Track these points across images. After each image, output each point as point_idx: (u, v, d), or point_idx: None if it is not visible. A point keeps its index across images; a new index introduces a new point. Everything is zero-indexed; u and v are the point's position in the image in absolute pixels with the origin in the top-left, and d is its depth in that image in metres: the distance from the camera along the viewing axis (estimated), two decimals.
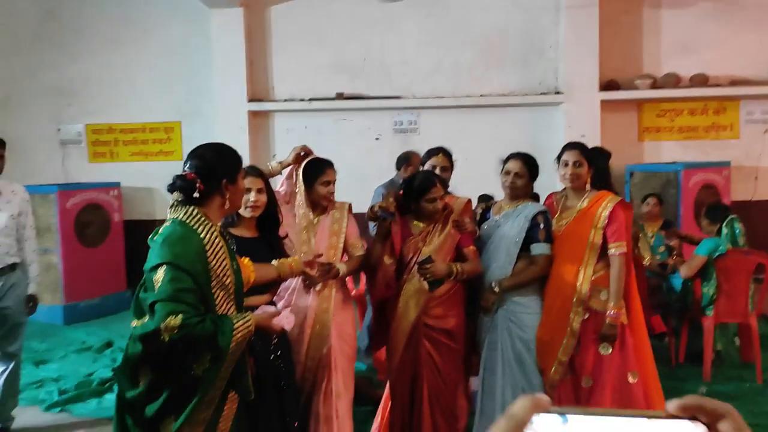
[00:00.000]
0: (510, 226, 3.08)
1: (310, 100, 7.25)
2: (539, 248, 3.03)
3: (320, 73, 7.29)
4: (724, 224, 4.40)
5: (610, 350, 2.98)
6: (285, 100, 7.31)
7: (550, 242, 3.04)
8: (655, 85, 7.06)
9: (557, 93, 7.07)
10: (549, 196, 3.30)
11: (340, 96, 7.20)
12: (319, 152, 3.07)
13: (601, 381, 2.99)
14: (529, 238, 3.03)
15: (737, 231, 4.39)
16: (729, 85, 7.12)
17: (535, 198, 3.47)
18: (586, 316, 3.00)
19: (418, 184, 3.02)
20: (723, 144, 7.32)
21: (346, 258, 2.95)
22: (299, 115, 7.36)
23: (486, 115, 7.23)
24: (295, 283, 2.80)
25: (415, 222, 3.07)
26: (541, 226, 3.03)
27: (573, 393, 3.03)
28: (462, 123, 7.19)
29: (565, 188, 3.19)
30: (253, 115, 7.27)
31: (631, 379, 3.00)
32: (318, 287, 2.77)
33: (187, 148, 2.32)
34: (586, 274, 2.99)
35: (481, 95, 7.22)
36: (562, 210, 3.15)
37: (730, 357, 4.68)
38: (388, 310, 3.09)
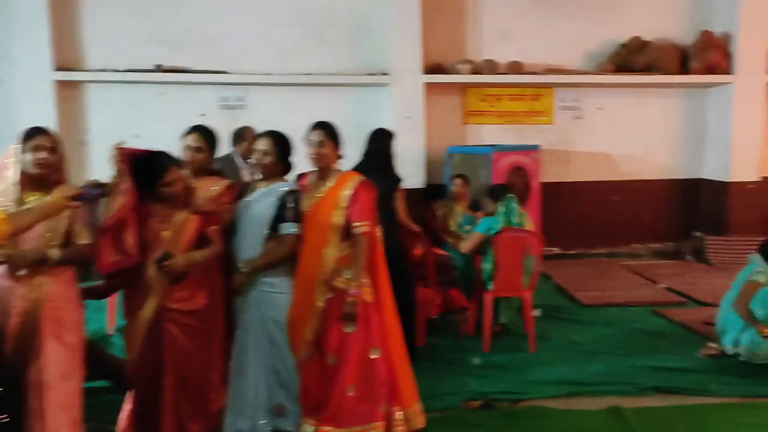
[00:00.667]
0: (260, 205, 3.07)
1: (126, 71, 6.82)
2: (288, 228, 3.03)
3: (138, 44, 6.88)
4: (501, 203, 4.64)
5: (354, 328, 3.04)
6: (98, 70, 6.83)
7: (299, 222, 3.05)
8: (475, 70, 7.33)
9: (384, 74, 7.15)
10: (303, 176, 3.30)
11: (160, 68, 6.84)
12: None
13: (345, 358, 3.05)
14: (279, 217, 3.03)
15: (513, 210, 4.65)
16: (543, 73, 7.55)
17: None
18: (331, 295, 3.04)
19: (152, 168, 2.87)
20: (539, 128, 7.79)
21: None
22: (116, 87, 6.92)
23: (316, 93, 7.17)
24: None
25: (156, 205, 2.93)
26: (290, 205, 3.04)
27: (319, 371, 3.07)
28: (291, 101, 7.10)
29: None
30: (61, 85, 6.72)
31: (373, 356, 3.08)
32: (23, 273, 2.55)
33: None
34: (329, 254, 3.03)
35: (308, 74, 7.15)
36: (310, 190, 3.16)
37: (515, 328, 4.97)
38: (127, 296, 2.97)
